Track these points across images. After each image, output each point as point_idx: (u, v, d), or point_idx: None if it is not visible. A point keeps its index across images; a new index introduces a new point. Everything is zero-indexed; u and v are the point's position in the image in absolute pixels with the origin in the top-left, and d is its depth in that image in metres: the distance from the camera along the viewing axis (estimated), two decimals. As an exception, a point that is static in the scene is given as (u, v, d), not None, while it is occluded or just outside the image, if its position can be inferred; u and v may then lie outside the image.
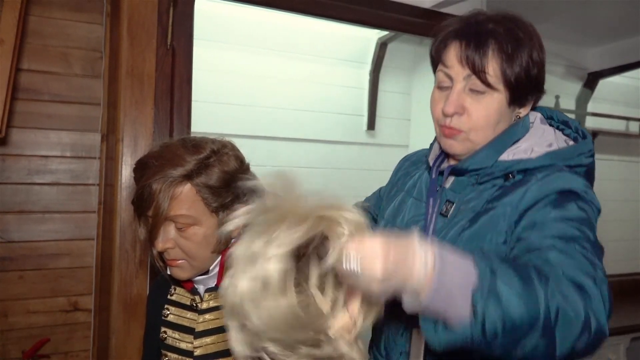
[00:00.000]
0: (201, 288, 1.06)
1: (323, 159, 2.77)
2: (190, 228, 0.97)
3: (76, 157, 1.77)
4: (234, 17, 2.54)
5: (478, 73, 0.91)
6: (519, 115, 0.98)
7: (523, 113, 0.99)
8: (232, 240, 1.03)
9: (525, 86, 0.94)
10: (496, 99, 0.93)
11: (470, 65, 0.91)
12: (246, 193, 0.66)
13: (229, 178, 0.98)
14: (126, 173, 1.58)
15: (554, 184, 0.87)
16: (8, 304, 1.67)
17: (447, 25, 0.97)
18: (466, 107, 0.93)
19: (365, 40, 2.84)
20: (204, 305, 1.04)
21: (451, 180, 1.01)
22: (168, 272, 1.04)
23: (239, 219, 0.66)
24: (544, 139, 0.97)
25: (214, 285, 1.05)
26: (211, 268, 1.04)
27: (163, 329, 1.09)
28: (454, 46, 0.94)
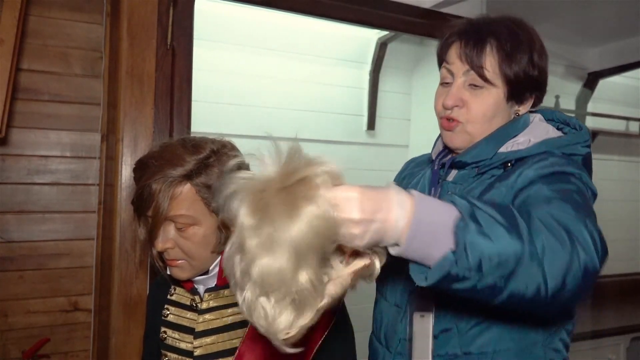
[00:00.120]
0: (201, 288, 1.06)
1: (323, 159, 2.78)
2: (190, 228, 0.97)
3: (76, 157, 1.77)
4: (234, 17, 2.54)
5: (476, 68, 0.96)
6: (518, 112, 1.02)
7: (522, 111, 1.03)
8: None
9: (523, 85, 0.99)
10: (494, 94, 0.97)
11: (469, 61, 0.97)
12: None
13: (229, 178, 0.98)
14: (126, 173, 1.58)
15: (549, 167, 0.90)
16: (8, 304, 1.67)
17: (452, 25, 1.03)
18: (465, 100, 0.98)
19: (365, 40, 2.84)
20: (204, 305, 1.04)
21: (453, 174, 1.05)
22: (168, 272, 1.04)
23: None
24: (541, 132, 1.01)
25: (214, 285, 1.05)
26: (211, 268, 1.04)
27: (163, 329, 1.09)
28: (456, 45, 1.00)
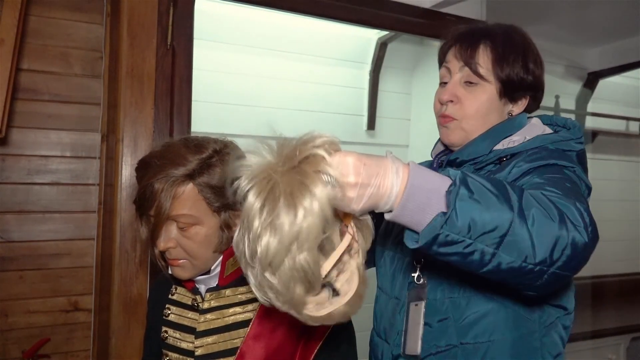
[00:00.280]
0: (202, 288, 1.06)
1: (323, 159, 2.78)
2: (192, 228, 0.97)
3: (76, 157, 1.77)
4: (234, 17, 2.54)
5: (469, 64, 1.01)
6: (512, 112, 1.05)
7: (516, 111, 1.05)
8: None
9: (516, 86, 1.02)
10: (487, 91, 1.01)
11: (463, 58, 1.02)
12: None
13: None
14: (126, 173, 1.58)
15: (543, 160, 0.92)
16: (8, 304, 1.67)
17: (453, 30, 1.08)
18: (459, 97, 1.02)
19: (365, 40, 2.84)
20: (205, 305, 1.04)
21: None
22: (169, 272, 1.04)
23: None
24: (537, 131, 1.03)
25: (215, 285, 1.05)
26: (212, 268, 1.03)
27: (164, 329, 1.09)
28: (453, 47, 1.05)
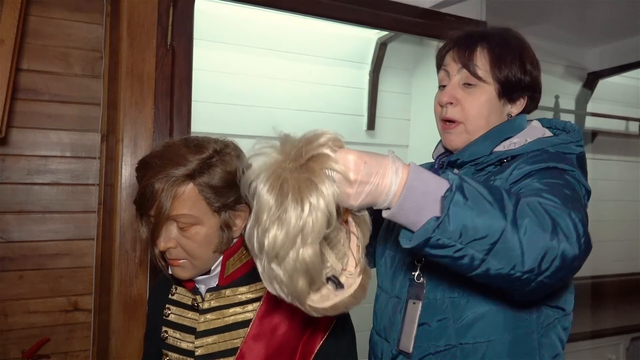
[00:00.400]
0: (202, 288, 1.06)
1: (323, 159, 2.78)
2: (192, 228, 0.97)
3: (76, 157, 1.77)
4: (234, 17, 2.54)
5: (468, 66, 1.01)
6: (511, 113, 1.05)
7: (514, 111, 1.06)
8: (234, 240, 1.03)
9: (514, 87, 1.02)
10: (487, 92, 1.02)
11: (461, 60, 1.03)
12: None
13: (231, 178, 0.98)
14: (126, 173, 1.58)
15: (543, 163, 0.93)
16: (8, 304, 1.67)
17: (451, 34, 1.09)
18: (459, 98, 1.03)
19: (365, 40, 2.84)
20: (205, 305, 1.04)
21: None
22: (169, 272, 1.04)
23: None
24: (537, 134, 1.04)
25: (216, 285, 1.05)
26: (213, 268, 1.03)
27: (164, 329, 1.09)
28: (451, 50, 1.06)
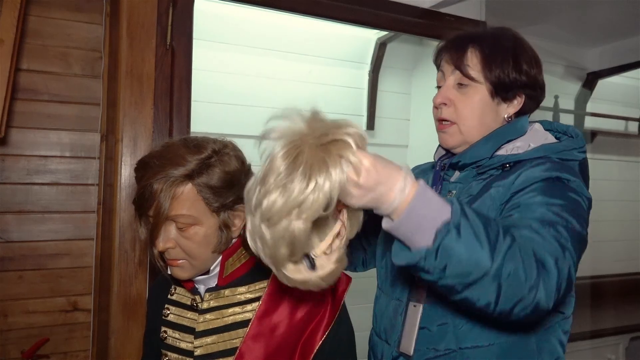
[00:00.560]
0: (202, 288, 1.06)
1: (323, 159, 2.78)
2: (191, 228, 0.97)
3: (76, 157, 1.77)
4: (234, 17, 2.54)
5: (459, 67, 1.03)
6: (508, 113, 1.06)
7: (511, 111, 1.06)
8: (233, 240, 1.03)
9: (509, 85, 1.03)
10: (479, 91, 1.03)
11: (453, 61, 1.05)
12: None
13: (230, 178, 0.98)
14: (125, 173, 1.58)
15: (546, 172, 0.93)
16: (7, 304, 1.67)
17: (446, 37, 1.11)
18: (452, 99, 1.05)
19: (364, 40, 2.84)
20: (205, 305, 1.04)
21: (456, 176, 1.09)
22: (169, 272, 1.04)
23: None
24: (540, 139, 1.05)
25: (215, 285, 1.05)
26: (212, 268, 1.04)
27: (163, 329, 1.09)
28: (446, 52, 1.08)
